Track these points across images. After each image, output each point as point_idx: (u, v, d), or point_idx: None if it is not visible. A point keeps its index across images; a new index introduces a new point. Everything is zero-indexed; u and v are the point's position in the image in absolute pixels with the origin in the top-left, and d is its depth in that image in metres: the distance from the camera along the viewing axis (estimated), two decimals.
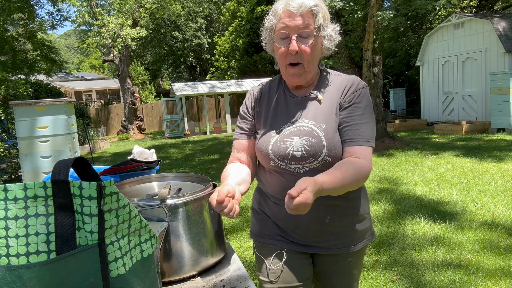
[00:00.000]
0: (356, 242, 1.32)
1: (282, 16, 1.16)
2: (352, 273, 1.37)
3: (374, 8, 7.79)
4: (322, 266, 1.35)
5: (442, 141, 9.09)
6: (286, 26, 1.16)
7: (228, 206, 1.01)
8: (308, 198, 0.94)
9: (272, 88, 1.36)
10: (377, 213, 4.15)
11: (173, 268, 1.11)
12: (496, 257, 2.96)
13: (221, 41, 25.38)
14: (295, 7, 1.14)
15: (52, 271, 0.66)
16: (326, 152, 1.19)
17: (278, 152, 1.22)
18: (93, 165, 1.16)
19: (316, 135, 1.20)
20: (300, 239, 1.29)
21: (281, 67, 1.24)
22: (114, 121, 19.61)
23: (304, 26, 1.15)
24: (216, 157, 9.03)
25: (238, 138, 1.36)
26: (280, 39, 1.19)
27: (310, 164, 1.21)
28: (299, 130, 1.22)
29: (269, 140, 1.25)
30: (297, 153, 1.20)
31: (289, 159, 1.21)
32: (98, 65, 43.16)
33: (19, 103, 3.90)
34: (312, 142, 1.19)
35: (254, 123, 1.34)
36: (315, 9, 1.16)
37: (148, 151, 1.70)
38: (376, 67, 9.02)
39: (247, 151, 1.34)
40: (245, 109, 1.37)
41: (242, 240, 3.69)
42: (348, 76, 1.30)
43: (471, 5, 17.25)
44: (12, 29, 14.05)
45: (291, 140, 1.22)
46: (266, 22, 1.23)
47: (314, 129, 1.21)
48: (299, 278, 1.28)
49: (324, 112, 1.23)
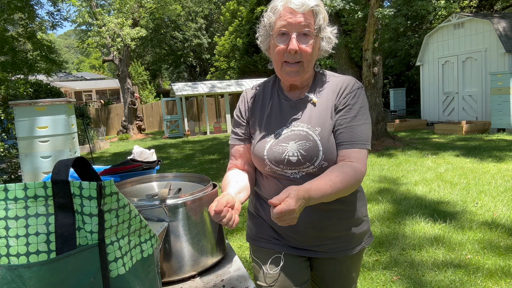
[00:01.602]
0: (354, 245, 1.30)
1: (283, 13, 1.13)
2: (351, 276, 1.36)
3: (374, 8, 7.80)
4: (320, 270, 1.33)
5: (442, 141, 9.10)
6: (287, 24, 1.12)
7: (226, 216, 0.99)
8: (291, 205, 0.91)
9: (266, 91, 1.32)
10: (377, 213, 4.15)
11: (173, 268, 1.11)
12: (496, 257, 2.96)
13: (221, 41, 25.38)
14: (297, 5, 1.11)
15: (52, 270, 0.66)
16: (322, 156, 1.16)
17: (273, 158, 1.19)
18: (93, 165, 1.16)
19: (312, 139, 1.17)
20: (297, 243, 1.27)
21: (277, 65, 1.19)
22: (114, 121, 19.62)
23: (305, 25, 1.12)
24: (216, 157, 9.03)
25: (234, 144, 1.33)
26: (279, 36, 1.15)
27: (306, 169, 1.18)
28: (294, 134, 1.19)
29: (264, 146, 1.22)
30: (293, 158, 1.17)
31: (284, 164, 1.19)
32: (98, 65, 43.16)
33: (19, 103, 3.90)
34: (308, 146, 1.16)
35: (249, 127, 1.31)
36: (317, 9, 1.14)
37: (148, 151, 1.70)
38: (376, 67, 9.02)
39: (245, 156, 1.31)
40: (239, 114, 1.34)
41: (242, 240, 3.69)
42: (344, 77, 1.27)
43: (471, 5, 17.25)
44: (12, 29, 14.05)
45: (286, 144, 1.18)
46: (264, 18, 1.20)
47: (310, 133, 1.18)
48: (297, 282, 1.26)
49: (319, 115, 1.20)
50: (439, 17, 15.58)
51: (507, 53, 10.48)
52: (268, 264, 1.27)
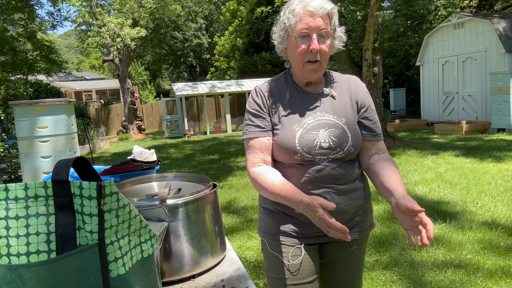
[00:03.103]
0: (365, 228, 1.39)
1: (303, 16, 1.22)
2: (360, 260, 1.43)
3: (374, 8, 7.79)
4: (331, 255, 1.39)
5: (442, 141, 9.10)
6: (308, 26, 1.22)
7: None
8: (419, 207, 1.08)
9: (279, 86, 1.37)
10: (377, 213, 4.15)
11: (173, 268, 1.11)
12: (496, 257, 2.96)
13: (221, 41, 25.37)
14: (316, 8, 1.21)
15: (52, 270, 0.66)
16: (350, 142, 1.28)
17: (305, 145, 1.26)
18: (93, 165, 1.16)
19: (340, 127, 1.28)
20: (316, 229, 1.29)
21: (298, 64, 1.28)
22: (114, 121, 19.61)
23: (324, 27, 1.23)
24: (216, 157, 9.03)
25: (257, 136, 1.31)
26: (300, 37, 1.23)
27: (335, 155, 1.27)
28: (323, 123, 1.29)
29: (294, 135, 1.27)
30: (325, 144, 1.26)
31: (316, 150, 1.26)
32: (98, 65, 43.15)
33: (19, 103, 3.90)
34: (338, 133, 1.27)
35: (271, 119, 1.33)
36: (332, 12, 1.25)
37: (148, 151, 1.70)
38: (376, 67, 9.02)
39: (268, 150, 1.32)
40: (258, 107, 1.34)
41: (242, 240, 3.69)
42: (349, 75, 1.41)
43: (471, 5, 17.25)
44: (12, 29, 14.04)
45: (317, 132, 1.27)
46: (284, 21, 1.27)
47: (337, 122, 1.29)
48: (313, 272, 1.33)
49: (341, 107, 1.32)
50: (439, 17, 15.58)
51: (507, 53, 10.48)
52: (290, 255, 1.31)
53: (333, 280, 1.42)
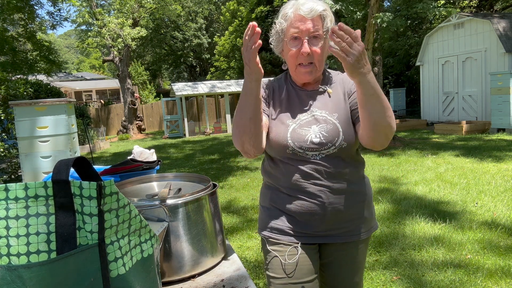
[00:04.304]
0: (366, 229, 1.38)
1: (293, 21, 1.23)
2: (360, 261, 1.42)
3: (374, 8, 7.79)
4: (331, 256, 1.38)
5: (442, 141, 9.10)
6: (298, 30, 1.23)
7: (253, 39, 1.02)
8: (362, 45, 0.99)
9: (279, 84, 1.41)
10: (377, 213, 4.15)
11: (173, 268, 1.11)
12: (496, 257, 2.96)
13: (221, 41, 25.36)
14: (306, 12, 1.21)
15: (52, 271, 0.66)
16: (342, 137, 1.27)
17: (297, 140, 1.27)
18: (93, 165, 1.16)
19: (332, 123, 1.29)
20: (313, 229, 1.31)
21: (291, 66, 1.31)
22: (114, 121, 19.61)
23: (314, 30, 1.23)
24: (216, 157, 9.03)
25: None
26: (292, 41, 1.25)
27: (327, 150, 1.27)
28: (315, 119, 1.30)
29: (286, 129, 1.29)
30: (316, 140, 1.27)
31: (307, 145, 1.27)
32: (98, 65, 43.14)
33: (19, 103, 3.90)
34: (329, 129, 1.28)
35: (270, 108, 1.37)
36: (324, 13, 1.25)
37: (148, 151, 1.70)
38: (376, 67, 9.02)
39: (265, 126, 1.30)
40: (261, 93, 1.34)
41: (242, 240, 3.69)
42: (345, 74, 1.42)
43: (471, 5, 17.25)
44: (12, 29, 14.04)
45: (309, 128, 1.29)
46: (277, 25, 1.30)
47: (328, 118, 1.30)
48: (312, 272, 1.32)
49: (334, 103, 1.33)
50: (439, 17, 15.58)
51: (507, 53, 10.48)
52: (286, 254, 1.31)
53: (333, 281, 1.42)
